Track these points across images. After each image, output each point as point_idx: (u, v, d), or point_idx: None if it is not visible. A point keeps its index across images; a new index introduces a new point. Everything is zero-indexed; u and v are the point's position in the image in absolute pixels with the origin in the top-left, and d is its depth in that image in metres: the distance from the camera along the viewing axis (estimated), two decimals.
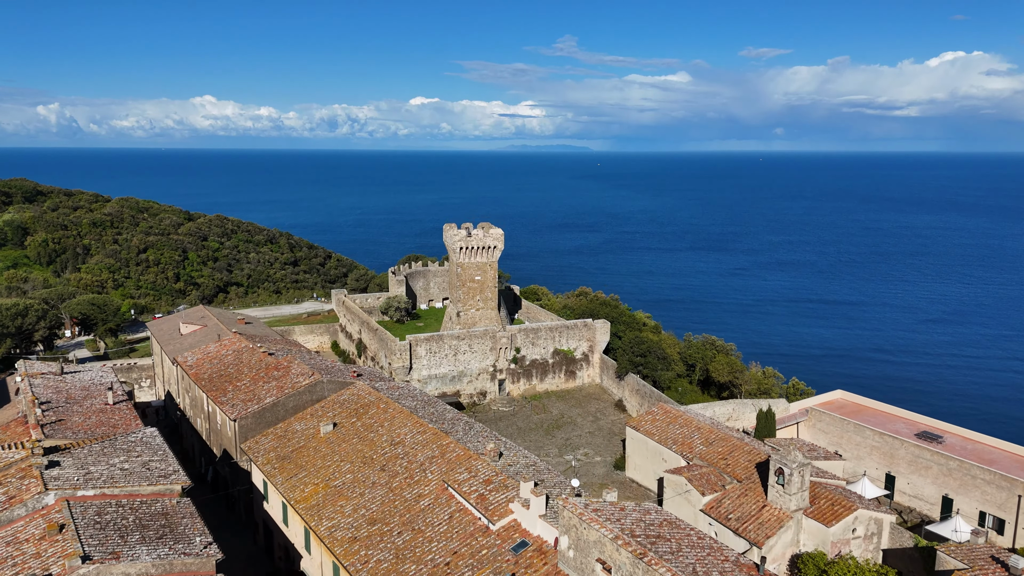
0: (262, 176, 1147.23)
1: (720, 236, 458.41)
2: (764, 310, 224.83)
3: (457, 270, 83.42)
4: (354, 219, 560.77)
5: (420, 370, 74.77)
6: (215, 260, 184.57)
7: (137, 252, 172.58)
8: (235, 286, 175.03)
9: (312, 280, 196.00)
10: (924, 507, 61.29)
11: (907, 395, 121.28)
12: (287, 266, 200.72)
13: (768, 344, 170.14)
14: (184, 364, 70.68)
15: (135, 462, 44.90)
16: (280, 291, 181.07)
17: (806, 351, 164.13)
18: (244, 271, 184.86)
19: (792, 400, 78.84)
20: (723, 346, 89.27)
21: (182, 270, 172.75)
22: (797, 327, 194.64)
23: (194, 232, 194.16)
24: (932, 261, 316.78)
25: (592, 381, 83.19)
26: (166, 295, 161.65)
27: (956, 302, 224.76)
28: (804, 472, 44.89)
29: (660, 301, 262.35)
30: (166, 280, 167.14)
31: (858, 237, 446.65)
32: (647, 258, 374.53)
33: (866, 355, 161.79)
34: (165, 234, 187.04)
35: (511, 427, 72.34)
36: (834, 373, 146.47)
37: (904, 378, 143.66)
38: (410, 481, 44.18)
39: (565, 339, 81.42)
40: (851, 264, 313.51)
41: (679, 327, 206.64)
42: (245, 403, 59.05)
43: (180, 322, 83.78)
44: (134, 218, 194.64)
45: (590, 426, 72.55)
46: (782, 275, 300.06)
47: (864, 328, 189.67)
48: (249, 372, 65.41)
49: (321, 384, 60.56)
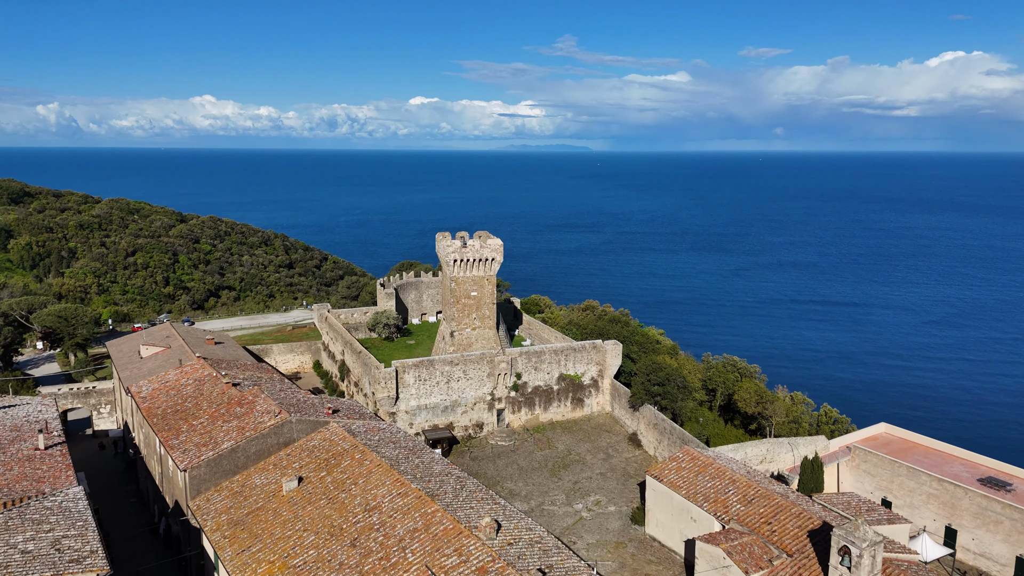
0: (261, 176, 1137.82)
1: (722, 237, 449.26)
2: (767, 312, 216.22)
3: (451, 285, 74.63)
4: (354, 219, 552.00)
5: (408, 400, 65.99)
6: (207, 263, 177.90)
7: (125, 255, 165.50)
8: (227, 290, 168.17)
9: (307, 283, 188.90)
10: (994, 568, 52.52)
11: (957, 427, 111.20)
12: (282, 269, 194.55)
13: (782, 352, 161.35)
14: (138, 395, 61.90)
15: (44, 540, 36.06)
16: (274, 295, 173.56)
17: (831, 369, 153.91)
18: (237, 274, 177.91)
19: (827, 432, 70.17)
20: (746, 368, 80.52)
21: (172, 274, 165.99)
22: (810, 332, 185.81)
23: (186, 234, 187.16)
24: (957, 264, 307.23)
25: (602, 410, 74.41)
26: (153, 300, 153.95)
27: (995, 309, 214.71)
28: (876, 553, 36.14)
29: (663, 303, 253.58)
30: (155, 284, 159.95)
31: (860, 238, 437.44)
32: (648, 259, 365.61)
33: (901, 378, 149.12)
34: (155, 236, 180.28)
35: (511, 466, 63.60)
36: (860, 388, 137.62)
37: (949, 401, 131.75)
38: (386, 564, 35.40)
39: (572, 363, 72.64)
40: (875, 266, 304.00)
41: (687, 334, 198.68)
42: (199, 448, 50.28)
43: (141, 343, 74.93)
44: (123, 220, 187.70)
45: (601, 465, 63.78)
46: (787, 277, 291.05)
47: (890, 340, 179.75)
48: (209, 407, 56.62)
49: (289, 425, 51.82)
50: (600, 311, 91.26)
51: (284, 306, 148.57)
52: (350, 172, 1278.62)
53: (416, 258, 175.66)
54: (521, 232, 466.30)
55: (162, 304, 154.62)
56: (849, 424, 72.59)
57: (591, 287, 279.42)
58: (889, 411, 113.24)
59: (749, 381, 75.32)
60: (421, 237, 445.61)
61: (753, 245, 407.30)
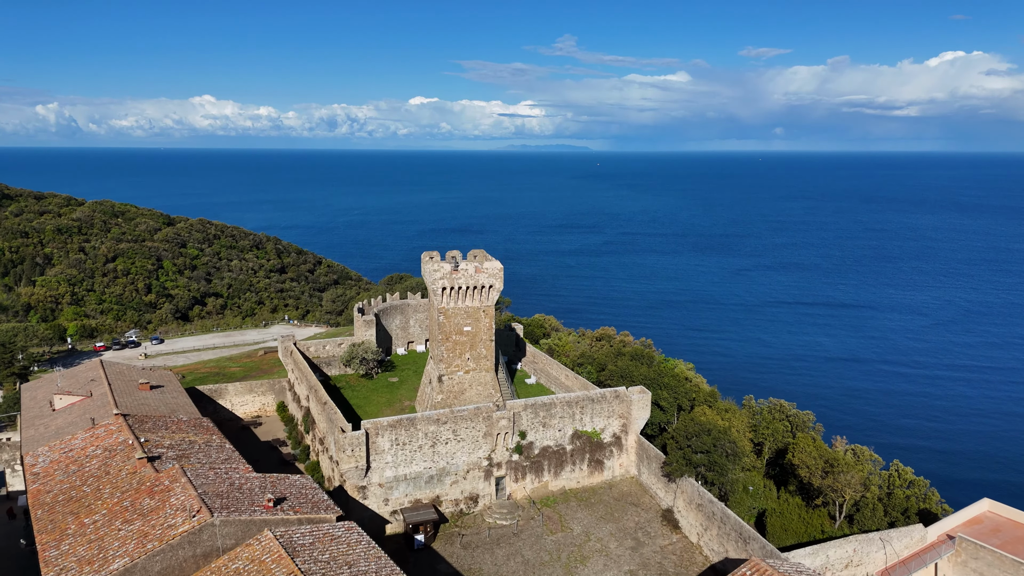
0: (261, 176, 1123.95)
1: (724, 238, 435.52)
2: (791, 317, 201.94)
3: (439, 318, 60.41)
4: (353, 220, 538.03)
5: (382, 470, 51.78)
6: (193, 268, 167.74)
7: (104, 261, 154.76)
8: (214, 297, 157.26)
9: (299, 289, 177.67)
10: None
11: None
12: (273, 273, 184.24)
13: (817, 378, 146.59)
14: (31, 469, 47.83)
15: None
16: (263, 301, 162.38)
17: (879, 407, 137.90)
18: (224, 280, 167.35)
19: (915, 507, 56.11)
20: (797, 416, 66.49)
21: (155, 280, 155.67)
22: (833, 343, 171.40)
23: (172, 238, 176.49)
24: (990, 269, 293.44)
25: (626, 473, 60.19)
26: (132, 310, 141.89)
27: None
28: None
29: (667, 304, 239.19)
30: (135, 292, 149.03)
31: (861, 239, 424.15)
32: (650, 260, 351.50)
33: (974, 417, 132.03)
34: (139, 240, 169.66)
35: (515, 559, 49.41)
36: (929, 435, 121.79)
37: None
38: None
39: (588, 416, 58.45)
40: (911, 275, 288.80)
41: (696, 338, 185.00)
42: (82, 566, 36.20)
43: (55, 391, 60.66)
44: (106, 224, 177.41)
45: (630, 559, 49.55)
46: (796, 278, 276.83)
47: (942, 359, 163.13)
48: (111, 496, 42.50)
49: (210, 530, 37.73)
50: (618, 342, 76.93)
51: (264, 321, 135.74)
52: (350, 172, 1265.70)
53: (414, 259, 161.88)
54: (521, 233, 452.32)
55: (141, 314, 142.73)
56: (940, 501, 58.32)
57: (594, 290, 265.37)
58: (978, 473, 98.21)
59: (805, 436, 61.10)
60: (421, 238, 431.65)
61: (757, 246, 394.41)
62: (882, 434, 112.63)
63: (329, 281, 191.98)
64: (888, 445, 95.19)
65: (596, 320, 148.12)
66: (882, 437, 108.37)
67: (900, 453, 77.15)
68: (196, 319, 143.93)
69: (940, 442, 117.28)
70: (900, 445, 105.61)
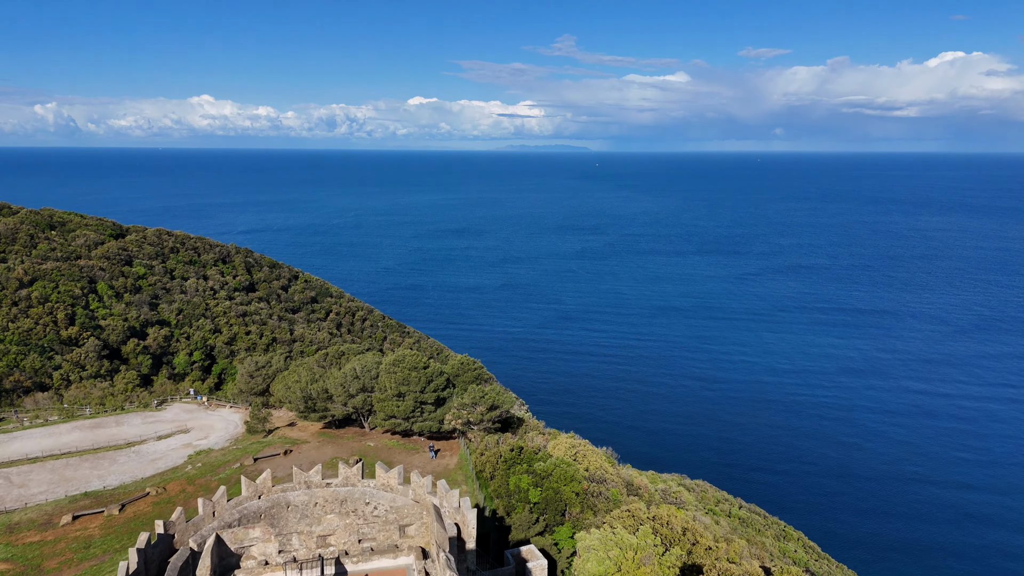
0: (259, 176, 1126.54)
1: (725, 239, 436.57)
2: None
3: None
4: (348, 221, 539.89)
5: None
6: (136, 291, 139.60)
7: (17, 287, 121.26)
8: (158, 325, 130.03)
9: (266, 312, 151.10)
10: None
11: None
12: (237, 292, 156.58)
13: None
14: None
15: None
16: (219, 329, 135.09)
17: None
18: (174, 305, 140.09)
19: None
20: None
21: (82, 308, 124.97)
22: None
23: (114, 255, 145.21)
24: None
25: None
26: (36, 352, 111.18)
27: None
28: None
29: (669, 308, 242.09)
30: (53, 324, 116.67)
31: (867, 240, 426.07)
32: (652, 260, 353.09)
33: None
34: (70, 259, 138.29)
35: None
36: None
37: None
38: None
39: None
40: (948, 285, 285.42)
41: (709, 343, 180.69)
42: None
43: None
44: (33, 237, 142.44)
45: None
46: (810, 282, 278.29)
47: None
48: None
49: None
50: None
51: (158, 398, 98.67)
52: (349, 172, 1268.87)
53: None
54: (521, 234, 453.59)
55: (50, 357, 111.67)
56: None
57: (602, 293, 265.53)
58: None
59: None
60: (420, 238, 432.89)
61: (763, 248, 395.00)
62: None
63: (305, 299, 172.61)
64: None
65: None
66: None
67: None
68: (72, 387, 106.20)
69: None
70: None
